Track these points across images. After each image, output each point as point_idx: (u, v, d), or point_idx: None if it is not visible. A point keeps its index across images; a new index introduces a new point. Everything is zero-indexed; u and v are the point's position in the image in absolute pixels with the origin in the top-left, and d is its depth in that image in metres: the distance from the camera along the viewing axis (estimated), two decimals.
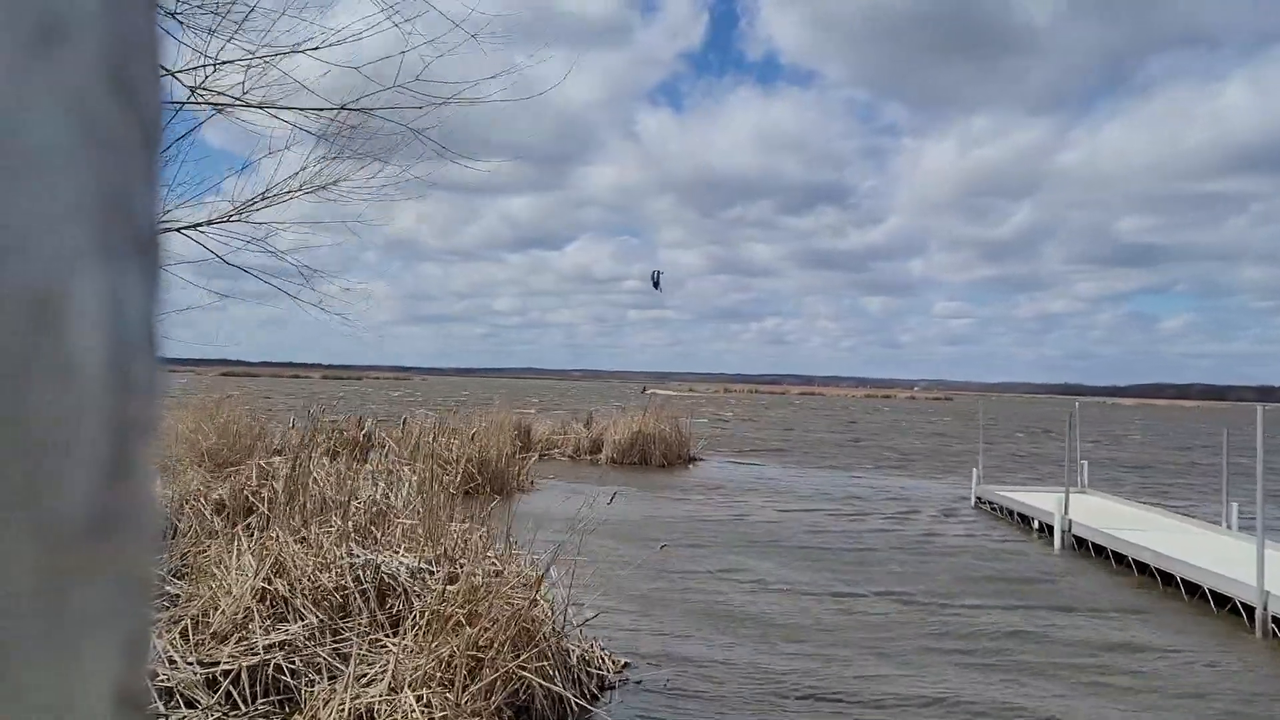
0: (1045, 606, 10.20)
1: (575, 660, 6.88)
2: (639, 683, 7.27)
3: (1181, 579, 10.88)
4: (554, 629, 6.69)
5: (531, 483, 18.70)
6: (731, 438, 37.34)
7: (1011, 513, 16.51)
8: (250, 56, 5.36)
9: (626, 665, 7.54)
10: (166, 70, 5.07)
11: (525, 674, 6.03)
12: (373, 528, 7.47)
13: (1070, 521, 14.00)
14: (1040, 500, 15.87)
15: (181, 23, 5.15)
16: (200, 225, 5.96)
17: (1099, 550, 13.13)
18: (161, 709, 5.39)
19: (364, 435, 17.59)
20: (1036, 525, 15.29)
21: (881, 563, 12.35)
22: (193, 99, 5.42)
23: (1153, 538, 12.47)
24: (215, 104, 5.49)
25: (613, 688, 7.12)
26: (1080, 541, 13.71)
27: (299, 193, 6.11)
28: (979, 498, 18.26)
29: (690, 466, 24.75)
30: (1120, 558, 12.47)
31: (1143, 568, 11.86)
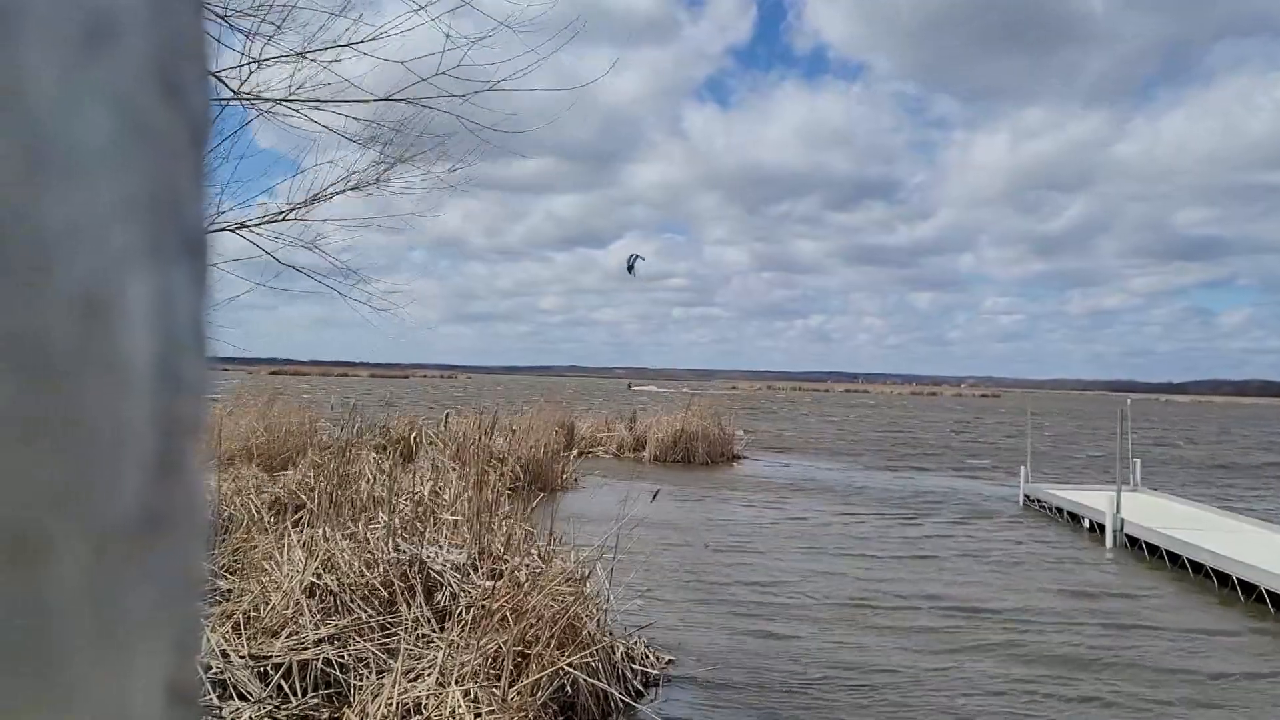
0: (1118, 625, 9.45)
1: (619, 656, 6.89)
2: (683, 679, 7.27)
3: (1238, 579, 10.62)
4: (599, 625, 6.71)
5: (575, 480, 18.77)
6: (775, 436, 37.16)
7: (1061, 511, 16.23)
8: (293, 54, 5.44)
9: (671, 662, 7.54)
10: (213, 71, 5.17)
11: (571, 670, 6.06)
12: (419, 524, 7.54)
13: (1123, 520, 13.74)
14: (1091, 499, 15.58)
15: (229, 24, 5.24)
16: (251, 224, 6.07)
17: (1152, 550, 12.86)
18: (215, 701, 5.50)
19: (411, 433, 17.79)
20: (1088, 524, 15.01)
21: (934, 566, 12.19)
22: (240, 99, 5.51)
23: (1208, 537, 12.19)
24: (261, 102, 5.57)
25: (657, 684, 7.12)
26: (1133, 541, 13.45)
27: (348, 191, 6.20)
28: (1028, 495, 17.97)
29: (734, 464, 24.68)
30: (1175, 557, 12.20)
31: (1198, 567, 11.60)
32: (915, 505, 18.00)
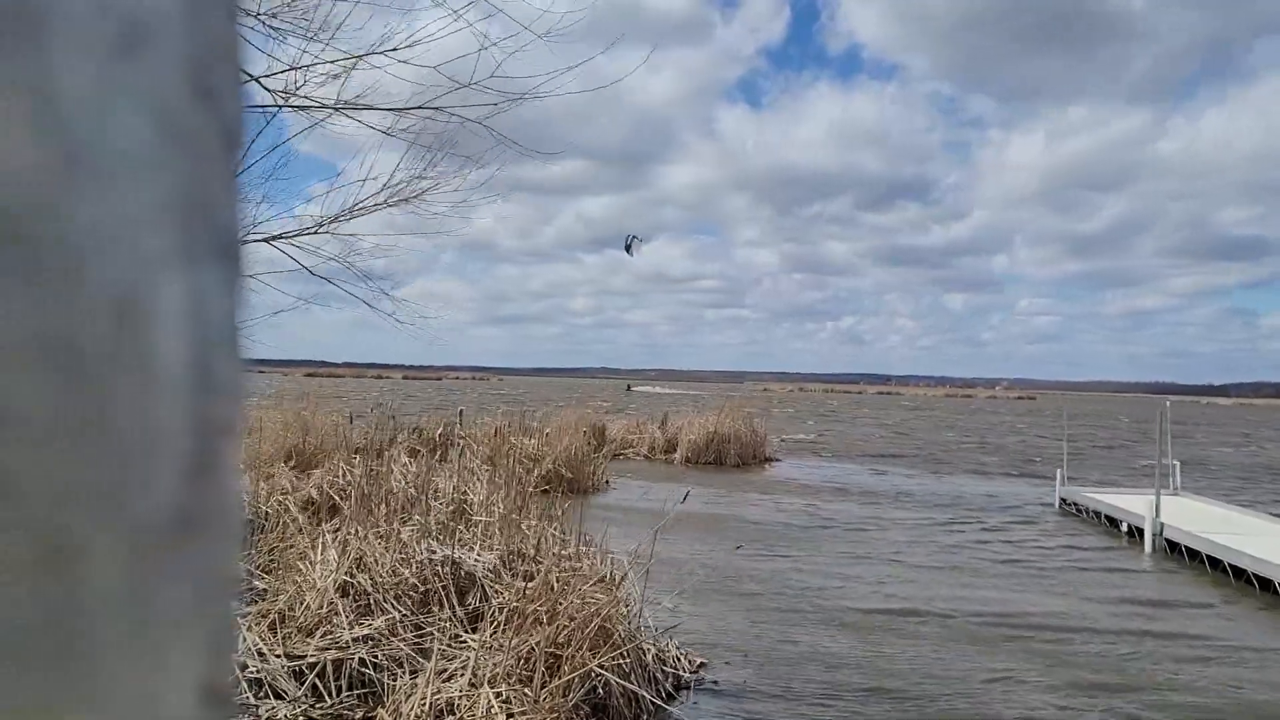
0: (1160, 634, 9.12)
1: (651, 658, 6.89)
2: (715, 682, 7.25)
3: None
4: (630, 627, 6.71)
5: (607, 482, 18.79)
6: (808, 439, 36.98)
7: (1098, 515, 16.00)
8: (325, 60, 5.50)
9: (702, 665, 7.52)
10: (250, 76, 5.24)
11: (603, 672, 6.06)
12: (452, 524, 7.59)
13: (1162, 524, 13.52)
14: (1129, 502, 15.33)
15: (268, 29, 5.30)
16: (287, 236, 6.15)
17: (1192, 554, 12.64)
18: (252, 699, 5.56)
19: (443, 434, 17.90)
20: (1125, 528, 14.78)
21: (970, 571, 12.06)
22: (276, 104, 5.58)
23: (1250, 541, 11.96)
24: (295, 106, 5.64)
25: (688, 687, 7.11)
26: (1172, 545, 13.22)
27: (383, 206, 6.26)
28: (1063, 499, 17.73)
29: (767, 466, 24.58)
30: (1215, 562, 11.99)
31: (1239, 572, 11.38)
32: (949, 508, 17.83)
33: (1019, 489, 21.19)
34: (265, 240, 5.98)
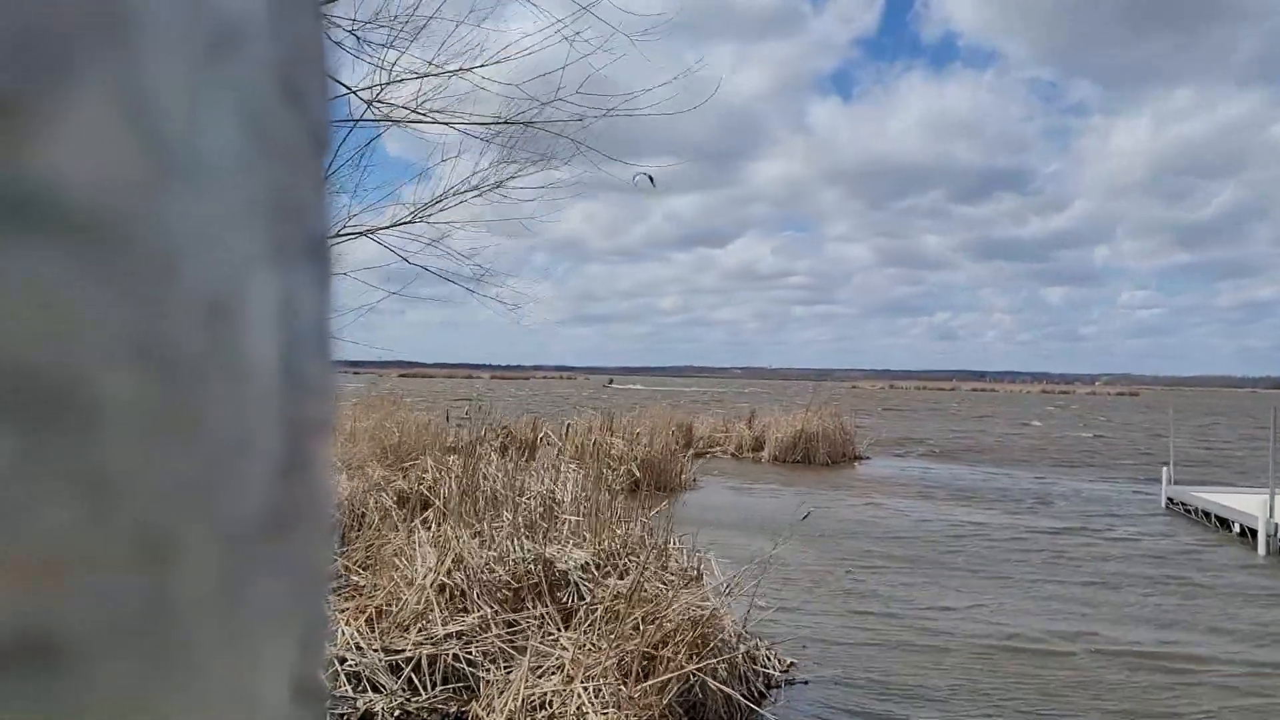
0: None
1: (742, 658, 6.85)
2: (805, 682, 7.18)
3: None
4: (723, 628, 6.69)
5: (695, 480, 18.77)
6: (900, 436, 36.31)
7: (1208, 515, 15.31)
8: (413, 73, 5.62)
9: (792, 665, 7.46)
10: (343, 85, 5.39)
11: (699, 674, 6.05)
12: (541, 523, 7.68)
13: (1276, 525, 12.86)
14: (1242, 502, 14.62)
15: (360, 40, 5.45)
16: (384, 228, 6.33)
17: None
18: (350, 692, 5.72)
19: (533, 433, 18.13)
20: (1237, 529, 14.11)
21: (1069, 569, 11.68)
22: (369, 112, 5.73)
23: None
24: (388, 119, 5.78)
25: (779, 687, 7.05)
26: None
27: (472, 193, 6.40)
28: (1170, 499, 17.01)
29: (856, 465, 24.23)
30: None
31: None
32: (1048, 507, 17.29)
33: (1122, 487, 20.42)
34: (363, 233, 6.17)
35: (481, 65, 5.69)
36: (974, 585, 10.53)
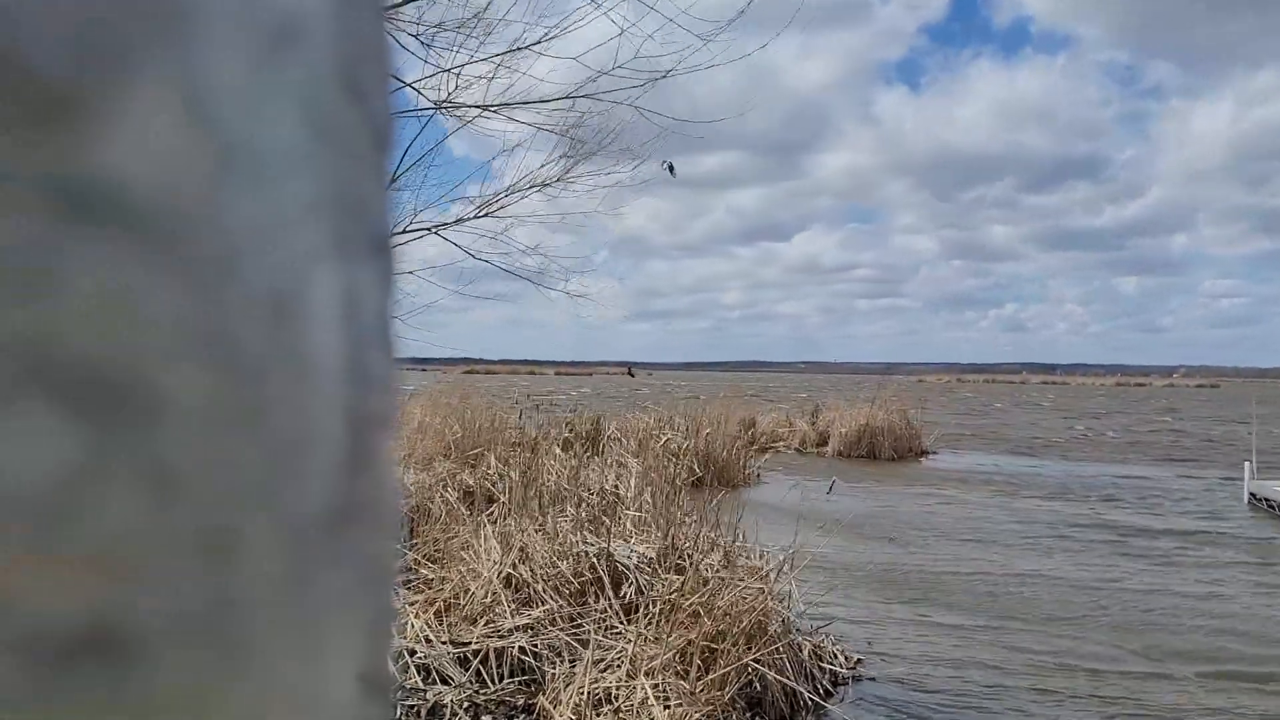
0: None
1: (807, 654, 6.80)
2: (873, 679, 7.10)
3: None
4: (785, 623, 6.65)
5: (758, 475, 18.66)
6: (967, 430, 35.67)
7: None
8: (477, 59, 5.68)
9: (860, 662, 7.38)
10: (405, 82, 5.48)
11: (759, 667, 6.03)
12: (604, 517, 7.71)
13: None
14: None
15: (423, 40, 5.53)
16: (449, 224, 6.43)
17: None
18: (420, 684, 5.81)
19: (595, 428, 18.20)
20: None
21: (1147, 567, 11.35)
22: (435, 109, 5.81)
23: None
24: (450, 106, 5.85)
25: (845, 684, 6.98)
26: None
27: (540, 186, 6.45)
28: (1253, 494, 16.40)
29: (923, 459, 23.86)
30: None
31: None
32: (1121, 503, 16.83)
33: (1201, 483, 19.78)
34: (430, 230, 6.27)
35: (539, 41, 5.73)
36: (1058, 591, 10.30)
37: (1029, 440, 31.94)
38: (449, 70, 5.66)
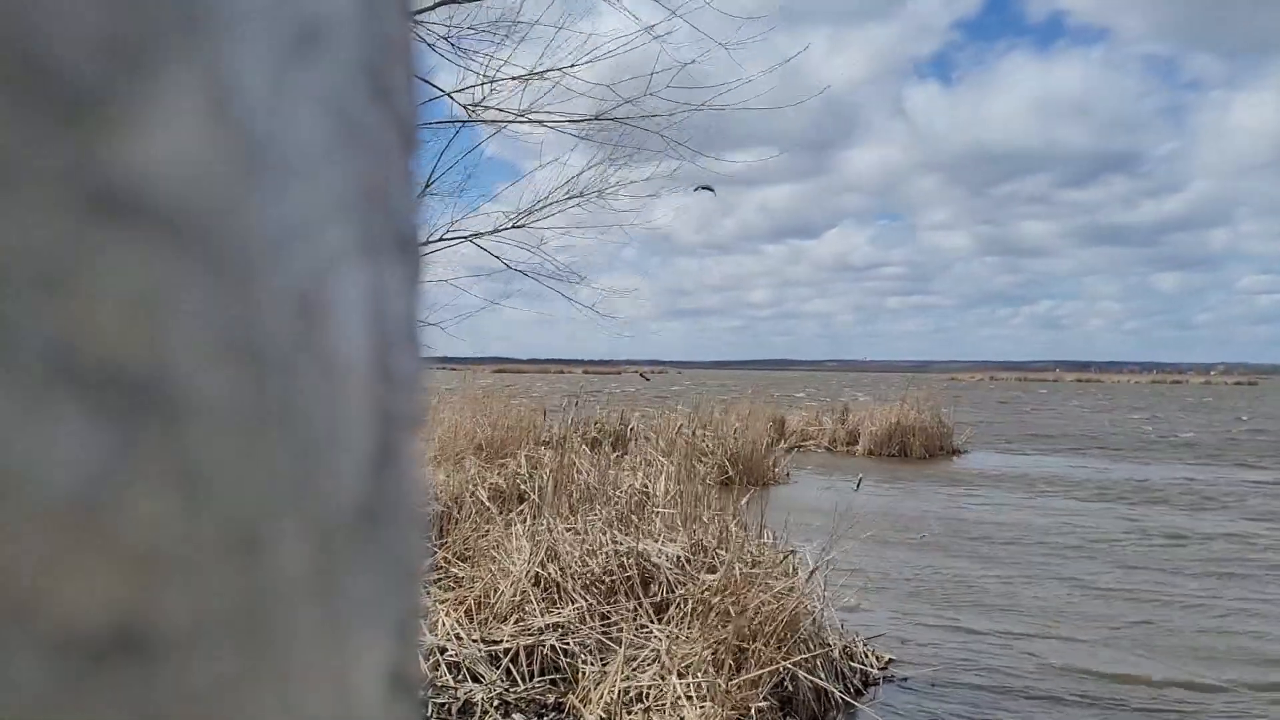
0: None
1: (838, 654, 6.77)
2: (904, 679, 7.04)
3: None
4: (816, 622, 6.62)
5: (787, 474, 18.59)
6: (1001, 428, 35.31)
7: None
8: (509, 75, 5.71)
9: (891, 661, 7.33)
10: (443, 91, 5.51)
11: (790, 667, 6.01)
12: (633, 516, 7.71)
13: None
14: None
15: (456, 47, 5.56)
16: (485, 234, 6.48)
17: None
18: (451, 681, 5.85)
19: (624, 426, 18.21)
20: None
21: (1198, 569, 11.17)
22: (467, 119, 5.85)
23: None
24: (484, 120, 5.89)
25: (876, 684, 6.94)
26: None
27: (573, 201, 6.50)
28: None
29: (954, 458, 23.64)
30: None
31: None
32: (1157, 504, 16.58)
33: (1244, 480, 19.45)
34: (466, 238, 6.32)
35: (572, 65, 5.77)
36: (1099, 598, 10.17)
37: (1067, 437, 31.56)
38: (480, 76, 5.70)
